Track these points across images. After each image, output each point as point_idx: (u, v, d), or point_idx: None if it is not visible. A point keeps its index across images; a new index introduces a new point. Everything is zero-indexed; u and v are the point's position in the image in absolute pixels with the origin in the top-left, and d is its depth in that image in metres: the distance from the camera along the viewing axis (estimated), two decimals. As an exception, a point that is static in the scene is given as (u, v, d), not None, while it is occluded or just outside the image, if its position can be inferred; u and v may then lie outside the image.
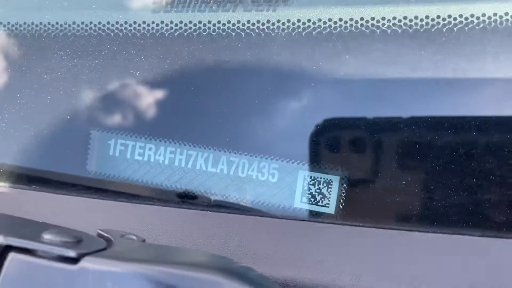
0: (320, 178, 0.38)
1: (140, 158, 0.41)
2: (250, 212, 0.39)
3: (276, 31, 0.39)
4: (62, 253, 0.25)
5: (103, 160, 0.42)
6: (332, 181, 0.38)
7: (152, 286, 0.23)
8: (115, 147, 0.42)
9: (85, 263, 0.24)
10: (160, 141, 0.41)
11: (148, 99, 0.42)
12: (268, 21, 0.39)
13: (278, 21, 0.39)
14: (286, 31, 0.39)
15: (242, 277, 0.24)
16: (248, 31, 0.39)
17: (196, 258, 0.28)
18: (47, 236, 0.26)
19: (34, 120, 0.44)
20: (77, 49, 0.43)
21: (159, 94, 0.42)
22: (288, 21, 0.39)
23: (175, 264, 0.24)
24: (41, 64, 0.44)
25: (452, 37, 0.36)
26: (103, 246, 0.26)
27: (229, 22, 0.40)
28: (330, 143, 0.38)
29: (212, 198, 0.40)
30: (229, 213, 0.39)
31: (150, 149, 0.41)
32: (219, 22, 0.40)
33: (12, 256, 0.25)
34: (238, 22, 0.39)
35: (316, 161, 0.38)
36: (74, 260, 0.25)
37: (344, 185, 0.37)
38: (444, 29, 0.36)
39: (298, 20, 0.38)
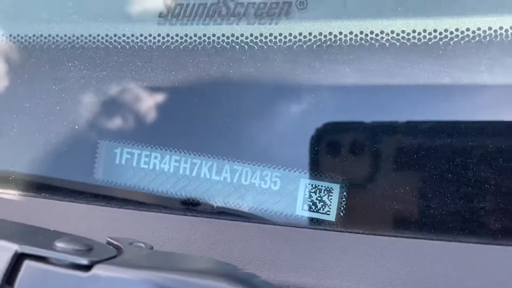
0: (321, 186, 0.38)
1: (146, 166, 0.42)
2: (253, 219, 0.39)
3: (278, 44, 0.39)
4: (75, 260, 0.25)
5: (110, 168, 0.43)
6: (332, 189, 0.38)
7: (161, 292, 0.24)
8: (122, 156, 0.43)
9: (97, 270, 0.25)
10: (165, 150, 0.42)
11: (154, 109, 0.42)
12: (270, 34, 0.40)
13: (280, 34, 0.39)
14: (288, 44, 0.39)
15: (247, 283, 0.25)
16: (251, 44, 0.40)
17: (202, 264, 0.29)
18: (59, 244, 0.26)
19: (43, 129, 0.44)
20: (85, 60, 0.43)
21: (164, 104, 0.42)
22: (290, 34, 0.39)
23: (183, 271, 0.25)
24: (50, 75, 0.44)
25: (448, 50, 0.36)
26: (114, 254, 0.27)
27: (233, 35, 0.40)
28: (331, 153, 0.39)
29: (216, 205, 0.40)
30: (232, 220, 0.39)
31: (155, 157, 0.42)
32: (223, 35, 0.40)
33: (27, 263, 0.26)
34: (242, 35, 0.40)
35: (317, 170, 0.39)
36: (86, 268, 0.25)
37: (344, 193, 0.38)
38: (441, 43, 0.37)
39: (300, 34, 0.39)
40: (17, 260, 0.26)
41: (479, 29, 0.36)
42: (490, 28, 0.36)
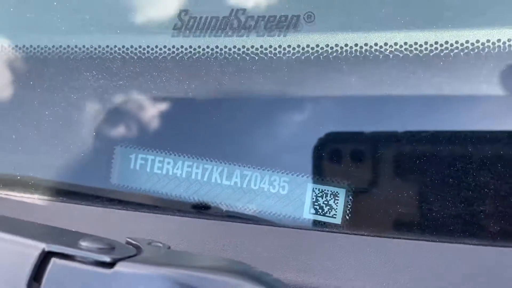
0: (328, 190, 0.39)
1: (159, 171, 0.43)
2: (262, 222, 0.40)
3: (287, 55, 0.41)
4: (99, 258, 0.27)
5: (125, 173, 0.44)
6: (338, 193, 0.39)
7: (180, 288, 0.26)
8: (136, 161, 0.44)
9: (119, 267, 0.26)
10: (178, 155, 0.43)
11: (167, 117, 0.44)
12: (279, 46, 0.41)
13: (289, 46, 0.41)
14: (296, 56, 0.41)
15: (260, 280, 0.26)
16: (261, 55, 0.41)
17: (218, 263, 0.30)
18: (84, 243, 0.28)
19: (61, 136, 0.45)
20: (102, 70, 0.45)
21: (177, 112, 0.44)
22: (298, 46, 0.41)
23: (201, 268, 0.26)
24: (69, 85, 0.45)
25: (449, 62, 0.38)
26: (134, 253, 0.28)
27: (243, 47, 0.41)
28: (337, 159, 0.40)
29: (227, 209, 0.41)
30: (242, 222, 0.40)
31: (168, 163, 0.43)
32: (234, 47, 0.42)
33: (53, 261, 0.27)
34: (252, 47, 0.41)
35: (323, 175, 0.40)
36: (110, 265, 0.27)
37: (350, 197, 0.39)
38: (442, 54, 0.38)
39: (307, 45, 0.40)
40: (44, 258, 0.27)
41: (478, 41, 0.37)
42: (488, 41, 0.37)
